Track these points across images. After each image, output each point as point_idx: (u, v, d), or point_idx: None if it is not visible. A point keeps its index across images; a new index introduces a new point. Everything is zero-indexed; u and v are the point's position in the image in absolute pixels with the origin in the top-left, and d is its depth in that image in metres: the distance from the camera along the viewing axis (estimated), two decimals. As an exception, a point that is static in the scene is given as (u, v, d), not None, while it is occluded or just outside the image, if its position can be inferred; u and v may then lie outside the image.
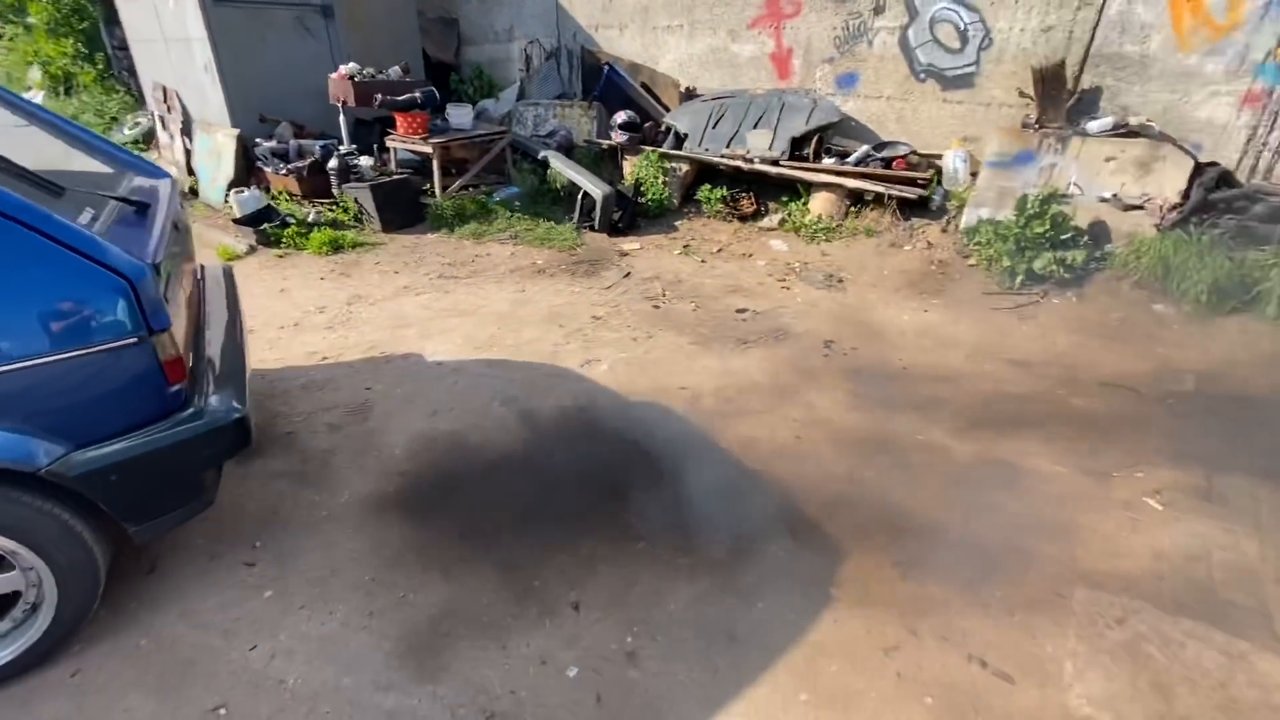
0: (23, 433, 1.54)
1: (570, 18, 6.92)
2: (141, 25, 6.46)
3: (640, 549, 2.16)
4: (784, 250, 5.15)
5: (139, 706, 1.68)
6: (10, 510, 1.57)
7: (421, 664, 1.78)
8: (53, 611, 1.72)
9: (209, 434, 1.78)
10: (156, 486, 1.78)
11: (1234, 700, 1.64)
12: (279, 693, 1.71)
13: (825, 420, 2.88)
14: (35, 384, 1.54)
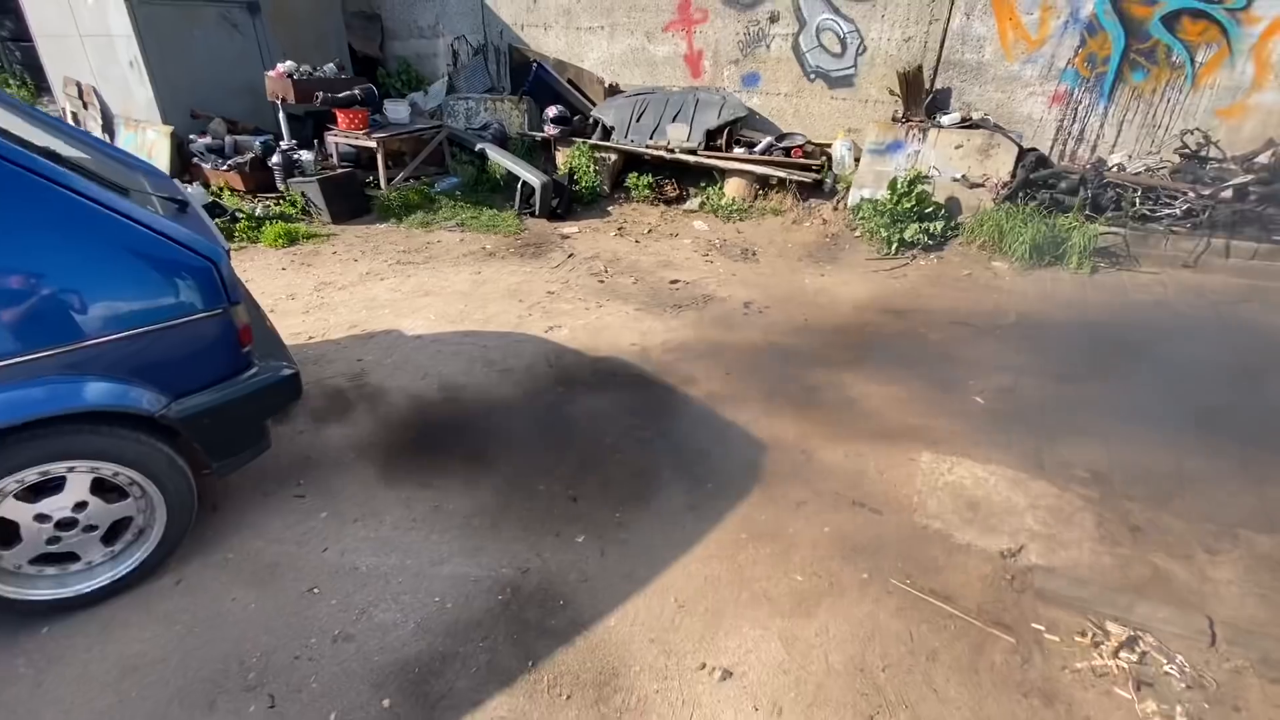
0: (139, 385, 1.95)
1: (496, 16, 7.32)
2: (52, 20, 6.29)
3: (617, 459, 2.82)
4: (705, 229, 5.91)
5: (243, 596, 2.17)
6: (133, 447, 2.00)
7: (463, 546, 2.37)
8: (161, 532, 2.15)
9: (271, 386, 2.25)
10: (234, 430, 2.23)
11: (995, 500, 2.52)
12: (356, 575, 2.24)
13: (747, 362, 3.63)
14: (147, 346, 1.97)
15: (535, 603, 2.14)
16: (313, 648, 1.98)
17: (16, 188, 1.68)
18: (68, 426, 1.86)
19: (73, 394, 1.83)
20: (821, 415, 3.14)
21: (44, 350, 1.77)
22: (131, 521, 2.12)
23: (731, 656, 1.96)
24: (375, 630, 2.03)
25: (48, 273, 1.76)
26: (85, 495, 1.97)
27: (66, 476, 1.91)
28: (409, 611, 2.10)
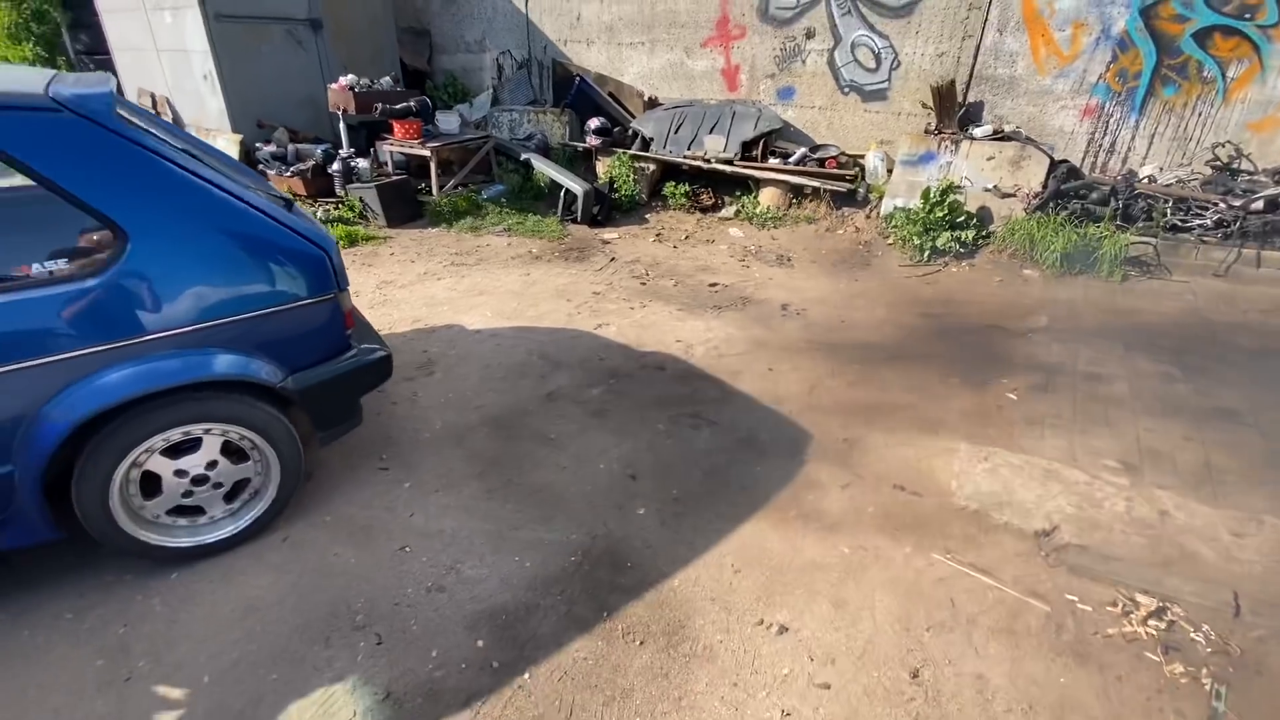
0: (262, 359, 2.22)
1: (540, 32, 7.67)
2: (131, 36, 6.77)
3: (669, 443, 3.04)
4: (740, 236, 6.13)
5: (343, 553, 2.42)
6: (258, 414, 2.26)
7: (536, 514, 2.59)
8: (274, 493, 2.42)
9: (368, 366, 2.52)
10: (336, 403, 2.50)
11: (1037, 499, 2.68)
12: (441, 537, 2.49)
13: (788, 358, 3.84)
14: (272, 325, 2.24)
15: (605, 564, 2.36)
16: (409, 596, 2.22)
17: (188, 190, 1.97)
18: (206, 393, 2.14)
19: (207, 365, 2.10)
20: (861, 407, 3.32)
21: (192, 326, 2.05)
22: (249, 483, 2.39)
23: (786, 615, 2.16)
24: (464, 583, 2.27)
25: (203, 263, 2.05)
26: (216, 455, 2.24)
27: (203, 438, 2.19)
28: (492, 568, 2.33)
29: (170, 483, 2.19)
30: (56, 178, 1.81)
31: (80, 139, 1.85)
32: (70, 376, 1.87)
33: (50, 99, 1.82)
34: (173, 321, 2.01)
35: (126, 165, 1.92)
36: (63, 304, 1.86)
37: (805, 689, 1.92)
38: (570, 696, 1.89)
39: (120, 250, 1.93)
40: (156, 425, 2.07)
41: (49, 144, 1.80)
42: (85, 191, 1.86)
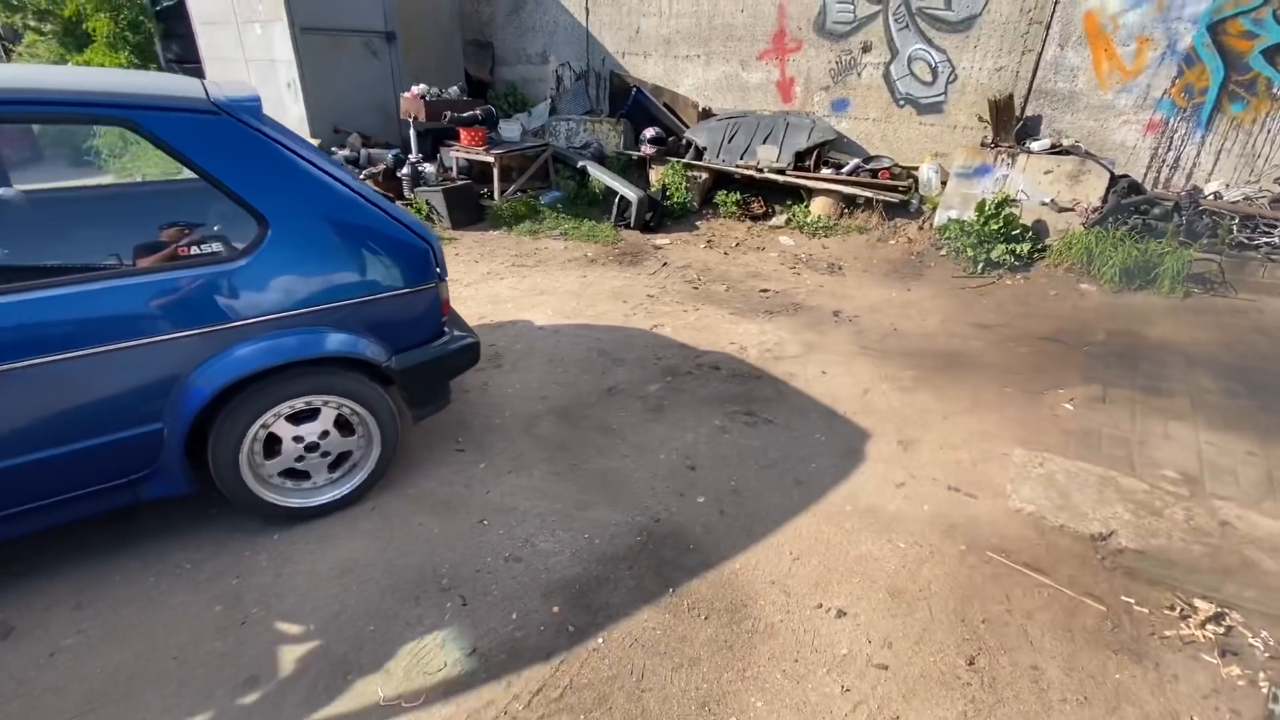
0: (373, 340, 2.45)
1: (599, 44, 7.93)
2: (222, 46, 7.28)
3: (726, 438, 3.17)
4: (790, 245, 6.23)
5: (427, 523, 2.62)
6: (367, 391, 2.48)
7: (602, 497, 2.76)
8: (372, 465, 2.64)
9: (459, 351, 2.73)
10: (430, 384, 2.71)
11: (1104, 509, 2.72)
12: (516, 513, 2.67)
13: (841, 362, 3.93)
14: (382, 310, 2.46)
15: (669, 545, 2.50)
16: (489, 565, 2.40)
17: (319, 185, 2.21)
18: (327, 368, 2.37)
19: (324, 342, 2.33)
20: (915, 411, 3.39)
21: (315, 307, 2.29)
22: (351, 455, 2.61)
23: (844, 600, 2.26)
24: (538, 555, 2.44)
25: (328, 250, 2.29)
26: (330, 427, 2.47)
27: (321, 409, 2.42)
28: (564, 543, 2.50)
29: (288, 446, 2.42)
30: (213, 170, 2.06)
31: (233, 138, 2.11)
32: (214, 348, 2.12)
33: (211, 103, 2.08)
34: (299, 302, 2.25)
35: (269, 162, 2.17)
36: (211, 283, 2.11)
37: (863, 668, 2.02)
38: (641, 661, 2.03)
39: (261, 237, 2.17)
40: (285, 394, 2.31)
41: (208, 141, 2.05)
42: (236, 183, 2.11)
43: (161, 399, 2.11)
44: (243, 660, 2.02)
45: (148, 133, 2.01)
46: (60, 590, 2.24)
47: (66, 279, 1.96)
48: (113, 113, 1.98)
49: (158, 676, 1.97)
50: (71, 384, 1.97)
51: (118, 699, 1.90)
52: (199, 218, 2.50)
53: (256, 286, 2.18)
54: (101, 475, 2.15)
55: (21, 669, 1.97)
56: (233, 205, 2.16)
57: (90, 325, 1.96)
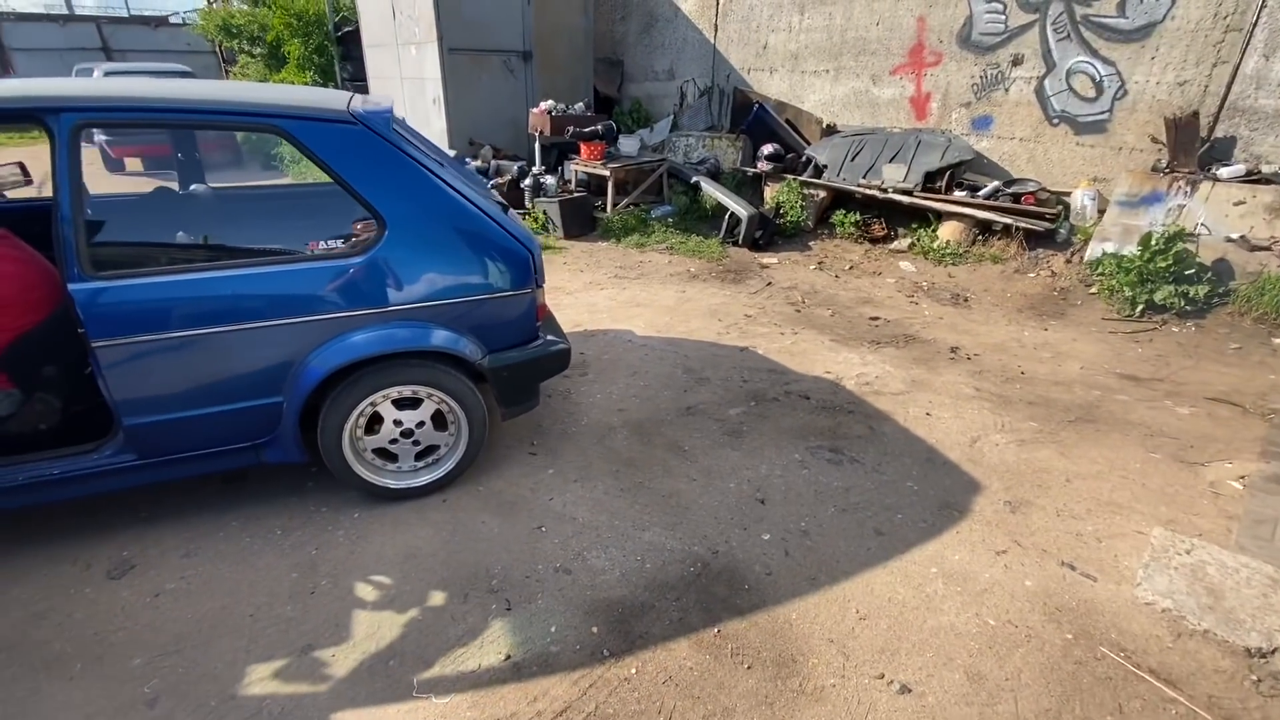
0: (469, 338, 2.56)
1: (725, 61, 7.90)
2: (383, 66, 8.12)
3: (804, 474, 2.96)
4: (912, 271, 5.77)
5: (489, 522, 2.67)
6: (459, 386, 2.60)
7: (662, 519, 2.67)
8: (455, 461, 2.75)
9: (551, 355, 2.78)
10: (520, 385, 2.77)
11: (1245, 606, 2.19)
12: (574, 523, 2.65)
13: (950, 404, 3.54)
14: (480, 310, 2.56)
15: (722, 581, 2.36)
16: (539, 573, 2.39)
17: (434, 192, 2.36)
18: (430, 362, 2.52)
19: (427, 336, 2.47)
20: (1033, 469, 2.97)
21: (421, 304, 2.45)
22: (439, 449, 2.75)
23: (911, 675, 2.00)
24: (588, 571, 2.40)
25: (436, 251, 2.43)
26: (426, 419, 2.62)
27: (424, 400, 2.57)
28: (615, 562, 2.44)
29: (388, 427, 2.59)
30: (342, 172, 2.27)
31: (362, 144, 2.31)
32: (329, 333, 2.34)
33: (350, 114, 2.29)
34: (407, 298, 2.42)
35: (392, 167, 2.36)
36: (333, 275, 2.31)
37: (922, 759, 1.76)
38: (671, 702, 1.92)
39: (379, 236, 2.35)
40: (392, 380, 2.49)
41: (340, 147, 2.27)
42: (360, 185, 2.31)
43: (282, 376, 2.33)
44: (305, 627, 2.16)
45: (291, 137, 2.25)
46: (174, 539, 2.54)
47: (221, 264, 2.25)
48: (264, 120, 2.24)
49: (234, 629, 2.15)
50: (218, 356, 2.26)
51: (200, 644, 2.10)
52: (328, 216, 2.76)
53: (369, 281, 2.36)
54: (233, 437, 2.43)
55: (132, 605, 2.24)
56: (358, 206, 2.36)
57: (235, 305, 2.22)
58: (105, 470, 2.32)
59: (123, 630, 2.15)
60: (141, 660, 2.05)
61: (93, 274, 2.06)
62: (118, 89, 2.15)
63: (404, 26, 7.32)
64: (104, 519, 2.60)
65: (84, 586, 2.32)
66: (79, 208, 2.05)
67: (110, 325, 2.10)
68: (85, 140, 2.07)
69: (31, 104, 2.03)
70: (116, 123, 2.11)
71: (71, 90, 2.08)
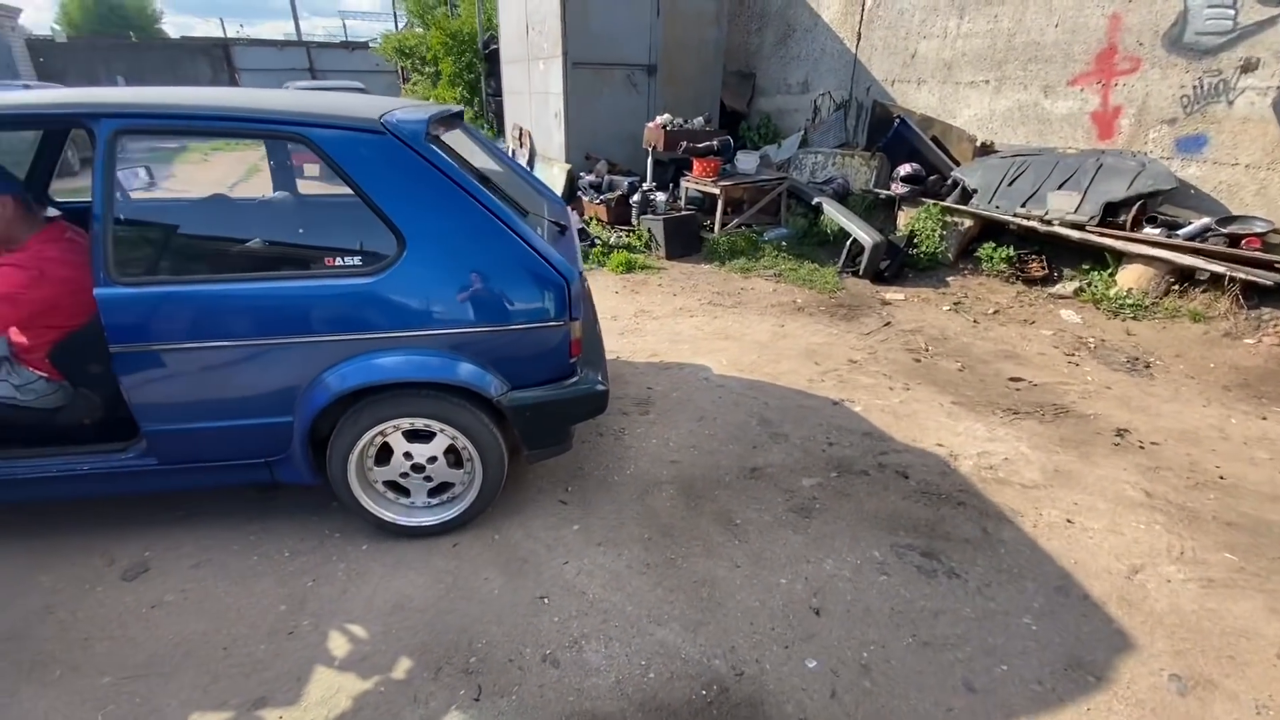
0: (487, 371, 2.28)
1: (867, 72, 7.15)
2: (516, 81, 8.35)
3: (881, 581, 2.31)
4: (1076, 322, 4.71)
5: (492, 580, 2.35)
6: (472, 421, 2.33)
7: (685, 614, 2.18)
8: (468, 503, 2.48)
9: (585, 397, 2.42)
10: (548, 426, 2.44)
11: None
12: (582, 600, 2.25)
13: (1107, 513, 2.67)
14: (500, 342, 2.27)
15: (741, 717, 1.83)
16: (525, 658, 2.02)
17: (465, 211, 2.12)
18: (443, 394, 2.28)
19: (455, 369, 2.23)
20: (1223, 628, 2.09)
21: (439, 330, 2.20)
22: (453, 486, 2.50)
23: None
24: (579, 667, 1.99)
25: (461, 275, 2.18)
26: (439, 454, 2.39)
27: (437, 434, 2.35)
28: (614, 662, 2.00)
29: (398, 459, 2.39)
30: (365, 185, 2.09)
31: (391, 157, 2.11)
32: (338, 356, 2.17)
33: (380, 123, 2.11)
34: (425, 323, 2.19)
35: (420, 182, 2.14)
36: (348, 294, 2.14)
37: None
38: None
39: (397, 255, 2.15)
40: (398, 411, 2.28)
41: (364, 158, 2.09)
42: (382, 199, 2.12)
43: (292, 395, 2.21)
44: (268, 674, 1.97)
45: (315, 146, 2.11)
46: (193, 544, 2.50)
47: (234, 276, 2.17)
48: (289, 129, 2.12)
49: (204, 662, 2.01)
50: (227, 370, 2.16)
51: (167, 673, 1.97)
52: (347, 231, 2.63)
53: (385, 302, 2.15)
54: (245, 452, 2.34)
55: (129, 612, 2.19)
56: (377, 222, 2.17)
57: (242, 319, 2.11)
58: (130, 471, 2.32)
59: (110, 639, 2.09)
60: (110, 680, 1.96)
61: (116, 279, 2.03)
62: (155, 98, 2.13)
63: (535, 42, 7.44)
64: (144, 513, 2.63)
65: (98, 584, 2.32)
66: (110, 213, 2.03)
67: (127, 331, 2.06)
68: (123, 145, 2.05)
69: (77, 110, 2.04)
70: (152, 129, 2.08)
71: (113, 98, 2.08)
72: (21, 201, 2.23)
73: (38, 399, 2.37)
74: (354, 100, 2.51)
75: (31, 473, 2.27)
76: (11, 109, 2.09)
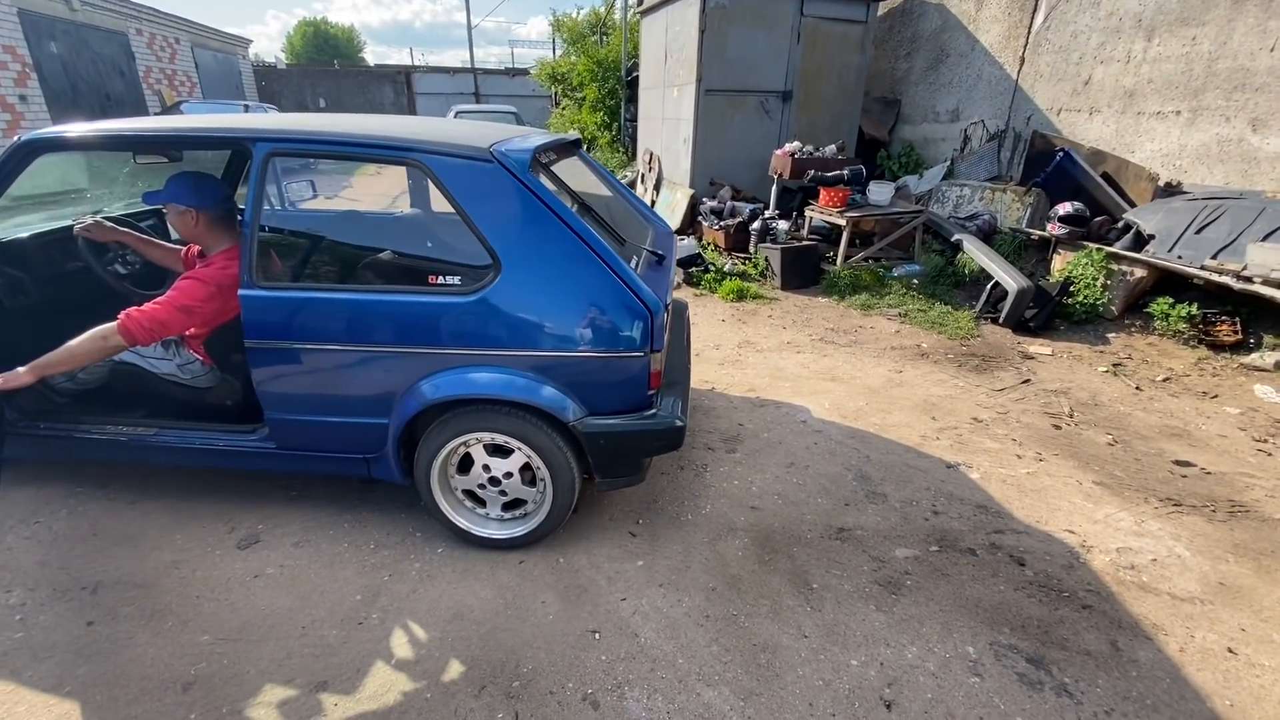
0: (566, 395, 2.30)
1: (1028, 99, 6.50)
2: (651, 107, 8.56)
3: (972, 682, 2.01)
4: (1275, 401, 3.89)
5: (549, 604, 2.34)
6: (547, 443, 2.36)
7: (738, 680, 2.03)
8: (538, 522, 2.52)
9: (661, 431, 2.36)
10: (621, 457, 2.41)
11: None
12: (633, 641, 2.17)
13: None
14: (582, 368, 2.28)
15: (780, 812, 1.65)
16: (566, 693, 1.98)
17: (558, 238, 2.19)
18: (529, 416, 2.35)
19: (536, 391, 2.29)
20: None
21: (525, 352, 2.27)
22: (525, 504, 2.56)
23: None
24: (617, 714, 1.91)
25: (549, 300, 2.24)
26: (514, 470, 2.46)
27: (515, 451, 2.42)
28: (654, 715, 1.90)
29: (477, 470, 2.49)
30: (470, 210, 2.21)
31: (496, 184, 2.22)
32: (436, 367, 2.31)
33: (488, 152, 2.23)
34: (513, 343, 2.27)
35: (520, 210, 2.23)
36: (447, 310, 2.27)
37: None
38: None
39: (493, 278, 2.25)
40: (479, 425, 2.38)
41: (474, 185, 2.21)
42: (484, 224, 2.23)
43: (390, 400, 2.38)
44: (334, 660, 2.10)
45: (429, 171, 2.26)
46: (298, 524, 2.75)
47: (347, 286, 2.39)
48: (407, 154, 2.29)
49: (285, 636, 2.18)
50: (336, 371, 2.37)
51: (254, 640, 2.17)
52: (447, 250, 2.78)
53: (478, 322, 2.26)
54: (348, 447, 2.54)
55: (236, 578, 2.45)
56: (477, 244, 2.28)
57: (351, 326, 2.30)
58: (254, 451, 2.60)
59: (216, 601, 2.34)
60: (209, 638, 2.18)
61: (257, 282, 2.29)
62: (298, 124, 2.40)
63: (671, 70, 7.58)
64: (263, 489, 2.94)
65: (217, 549, 2.61)
66: (257, 223, 2.30)
67: (259, 328, 2.31)
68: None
69: (239, 135, 2.36)
70: (294, 152, 2.35)
71: (266, 124, 2.37)
72: (213, 216, 2.53)
73: (193, 379, 2.74)
74: (474, 128, 2.66)
75: (180, 442, 2.62)
76: (189, 132, 2.45)
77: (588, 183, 3.30)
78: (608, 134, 11.50)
